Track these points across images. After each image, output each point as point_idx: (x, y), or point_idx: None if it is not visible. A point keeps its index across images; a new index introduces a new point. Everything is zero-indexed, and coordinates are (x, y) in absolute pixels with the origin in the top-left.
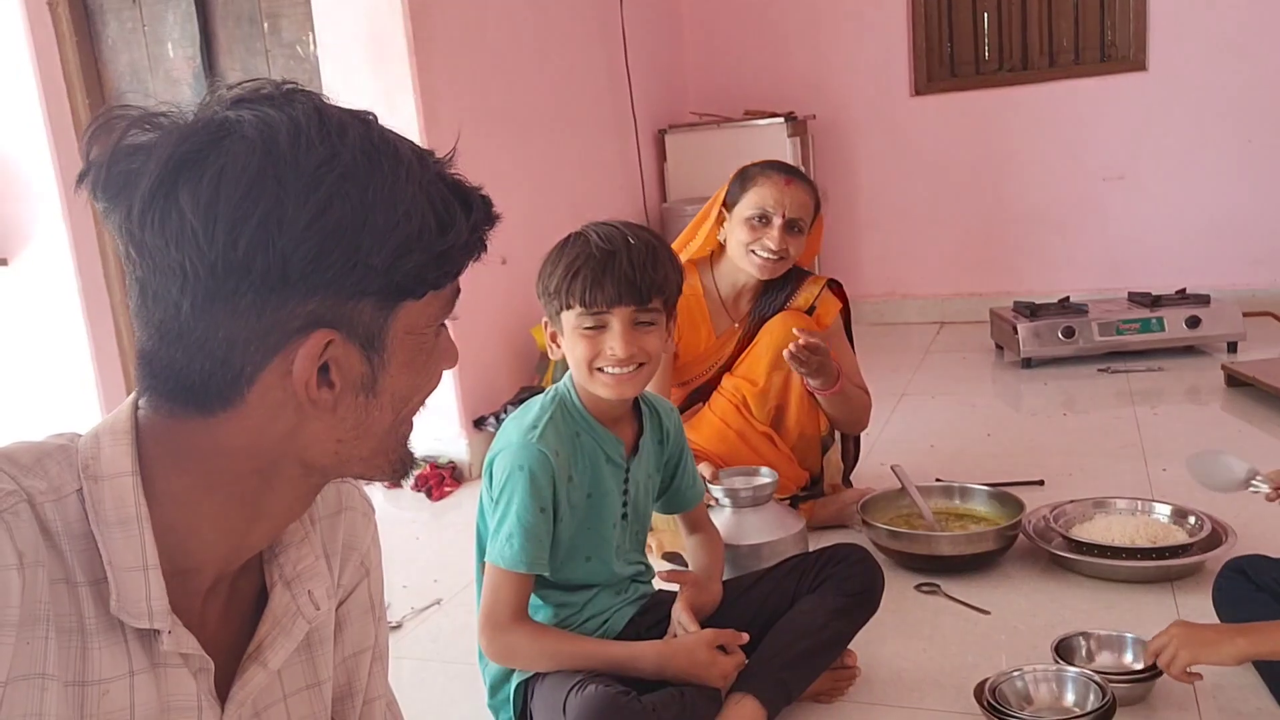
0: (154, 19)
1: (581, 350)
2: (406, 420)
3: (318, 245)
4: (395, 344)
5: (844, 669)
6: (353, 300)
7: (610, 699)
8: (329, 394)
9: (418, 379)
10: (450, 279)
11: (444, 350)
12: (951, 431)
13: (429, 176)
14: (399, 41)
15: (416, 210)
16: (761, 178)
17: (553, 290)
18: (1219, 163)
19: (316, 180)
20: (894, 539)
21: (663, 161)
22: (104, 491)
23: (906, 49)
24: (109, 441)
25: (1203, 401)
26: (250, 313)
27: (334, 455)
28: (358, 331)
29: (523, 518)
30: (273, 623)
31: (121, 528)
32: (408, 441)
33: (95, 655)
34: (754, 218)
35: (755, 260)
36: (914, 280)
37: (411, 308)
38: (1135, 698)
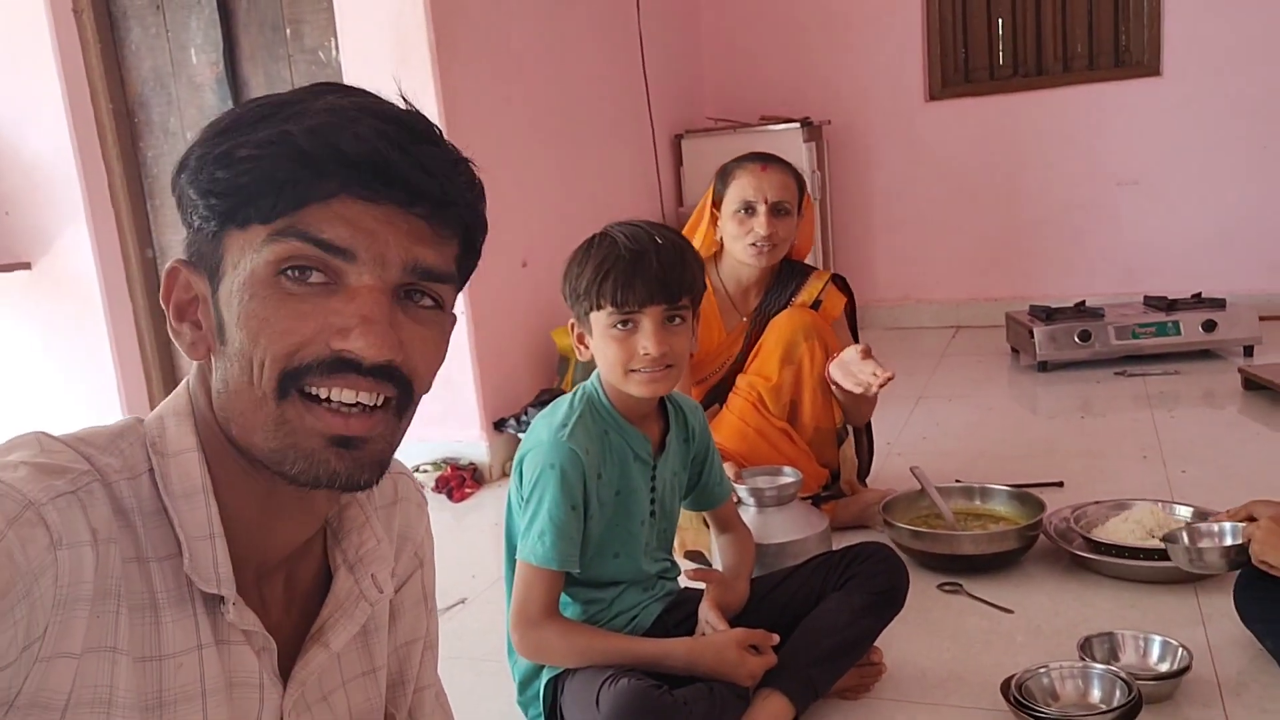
0: (177, 25)
1: (614, 351)
2: (265, 390)
3: (186, 178)
4: (228, 281)
5: (870, 665)
6: (194, 232)
7: (644, 692)
8: (191, 331)
9: (257, 332)
10: (264, 200)
11: (331, 319)
12: (969, 434)
13: (282, 100)
14: (422, 47)
15: (221, 123)
16: (738, 170)
17: (582, 291)
18: (1234, 167)
19: (214, 123)
20: (916, 539)
21: (679, 166)
22: (170, 466)
23: (921, 55)
24: (173, 422)
25: (1219, 405)
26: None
27: (221, 412)
28: (201, 263)
29: (554, 515)
30: (335, 605)
31: (187, 499)
32: (294, 429)
33: (168, 630)
34: (740, 210)
35: (751, 250)
36: (929, 284)
37: (237, 238)
38: (1162, 695)
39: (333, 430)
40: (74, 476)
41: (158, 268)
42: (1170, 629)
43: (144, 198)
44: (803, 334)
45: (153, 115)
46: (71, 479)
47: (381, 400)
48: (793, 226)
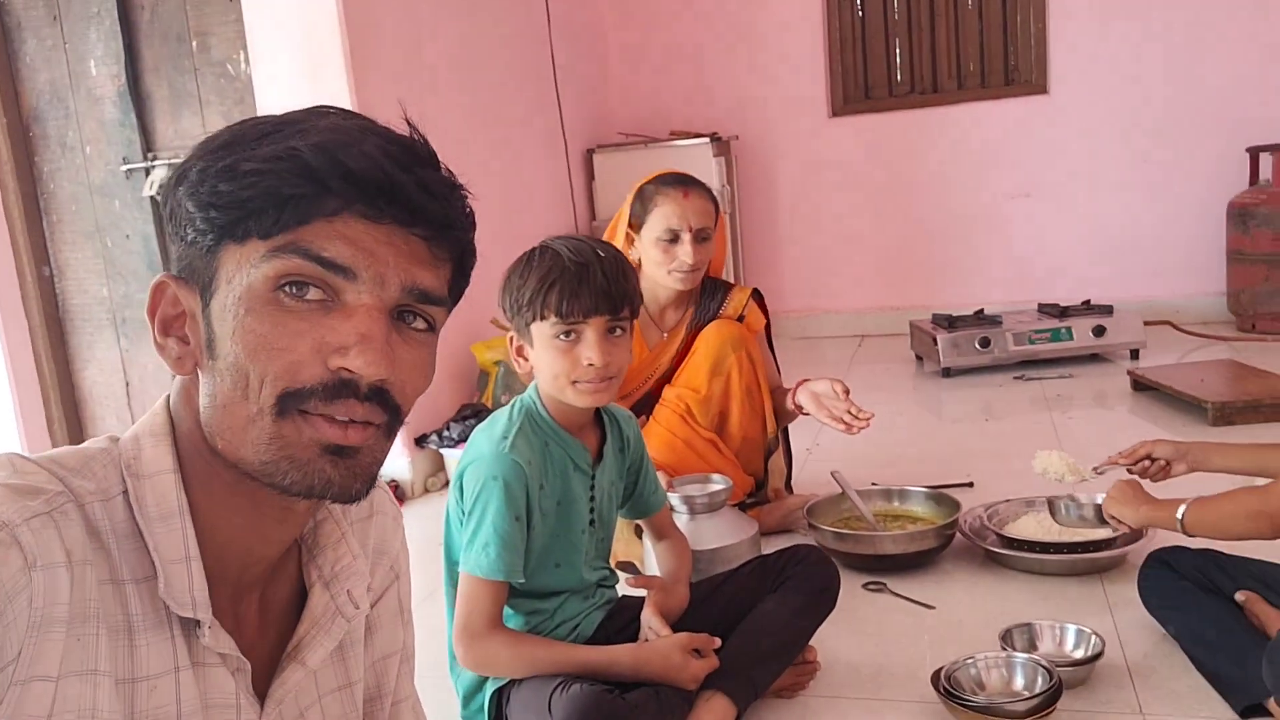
0: (75, 36)
1: (558, 362)
2: (260, 405)
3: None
4: (222, 296)
5: (805, 664)
6: (185, 245)
7: (597, 697)
8: (177, 346)
9: (253, 350)
10: (267, 218)
11: (328, 337)
12: (881, 439)
13: (284, 119)
14: (336, 60)
15: (219, 138)
16: (660, 196)
17: (525, 303)
18: (1117, 180)
19: (209, 141)
20: (840, 540)
21: (591, 180)
22: (145, 489)
23: (824, 73)
24: (150, 442)
25: (1110, 405)
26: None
27: (207, 428)
28: (192, 277)
29: (499, 526)
30: (311, 622)
31: (163, 522)
32: (283, 445)
33: (143, 652)
34: (664, 238)
35: (675, 277)
36: (835, 295)
37: (234, 252)
38: (1078, 680)
39: (329, 439)
40: (49, 497)
41: (55, 285)
42: (1082, 618)
43: (40, 214)
44: (731, 346)
45: (49, 129)
46: (46, 500)
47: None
48: (712, 249)
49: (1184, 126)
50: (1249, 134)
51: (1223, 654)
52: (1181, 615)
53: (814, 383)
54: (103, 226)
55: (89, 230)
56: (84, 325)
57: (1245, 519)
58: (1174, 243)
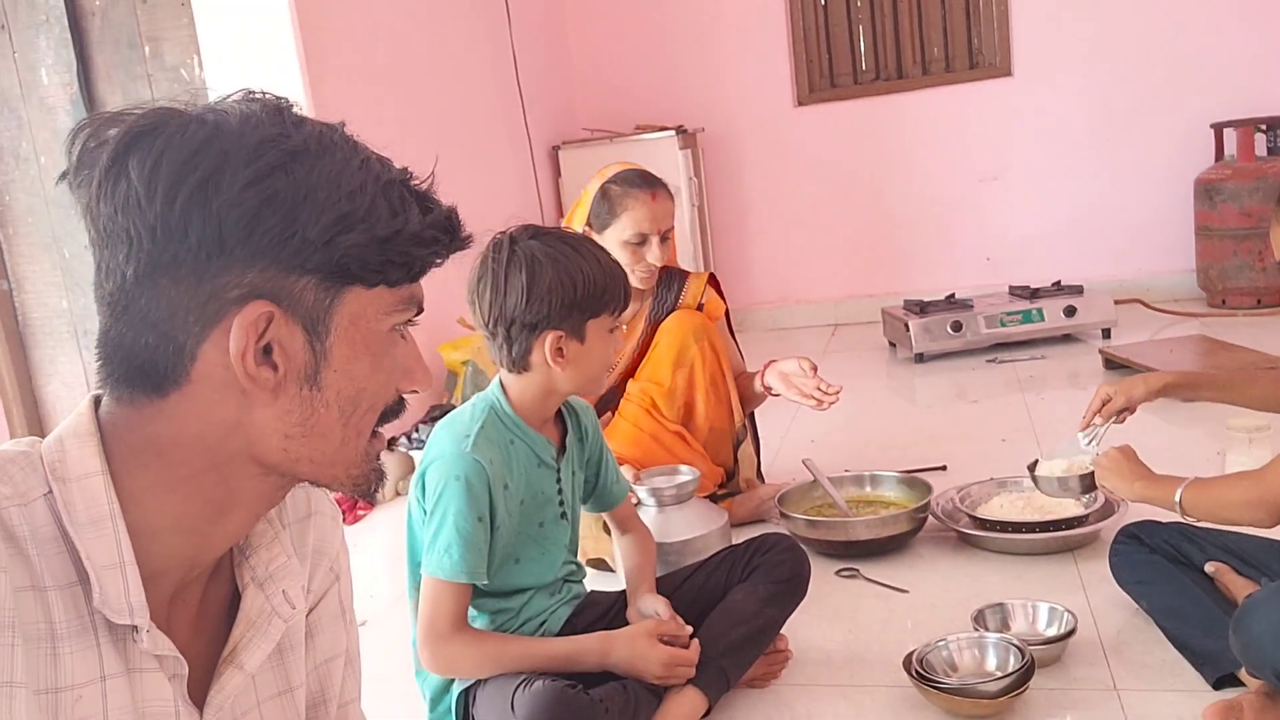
0: (24, 45)
1: (609, 354)
2: (359, 429)
3: (253, 210)
4: (340, 334)
5: (777, 653)
6: (293, 276)
7: (559, 692)
8: (270, 375)
9: (366, 379)
10: (401, 273)
11: (404, 363)
12: (854, 426)
13: (390, 175)
14: (291, 62)
15: (364, 194)
16: (629, 200)
17: (588, 297)
18: (1083, 160)
19: (259, 152)
20: (812, 528)
21: (558, 177)
22: (74, 492)
23: (788, 62)
24: (74, 444)
25: (1083, 385)
26: (189, 280)
27: (282, 452)
28: (300, 311)
29: (461, 527)
30: (247, 624)
31: (94, 527)
32: (370, 457)
33: (66, 661)
34: (631, 241)
35: (639, 275)
36: (806, 285)
37: (360, 296)
38: (1051, 658)
39: (381, 448)
40: None
41: (13, 300)
42: (1055, 596)
43: None
44: (693, 336)
45: (1, 140)
46: None
47: None
48: (672, 244)
49: (1148, 104)
50: (1213, 110)
51: (1194, 626)
52: (1153, 589)
53: (782, 363)
54: (60, 238)
55: (46, 242)
56: (45, 339)
57: (1243, 507)
58: (1142, 221)
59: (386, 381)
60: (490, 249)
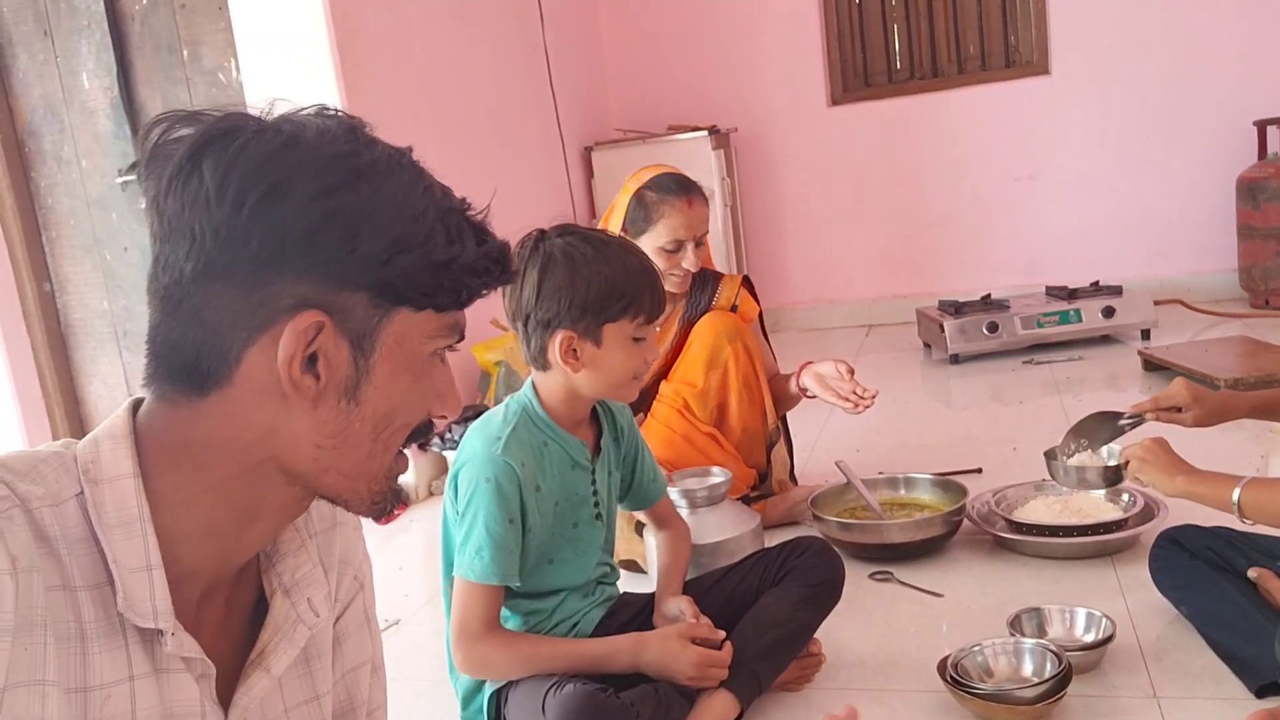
0: (67, 50)
1: (632, 361)
2: (388, 445)
3: (317, 222)
4: (384, 351)
5: (810, 657)
6: (346, 291)
7: (589, 696)
8: (313, 384)
9: (401, 398)
10: (450, 299)
11: (439, 387)
12: (889, 428)
13: (451, 204)
14: (326, 65)
15: (424, 219)
16: (665, 206)
17: (603, 300)
18: (1122, 159)
19: (330, 166)
20: (845, 530)
21: (590, 178)
22: (104, 494)
23: (822, 61)
24: (108, 446)
25: (1122, 387)
26: (244, 285)
27: (312, 462)
28: (349, 325)
29: (491, 529)
30: (274, 629)
31: (123, 529)
32: (391, 475)
33: (95, 660)
34: (667, 248)
35: (673, 280)
36: (841, 285)
37: (408, 317)
38: (1089, 665)
39: (403, 470)
40: None
41: (55, 301)
42: (1093, 601)
43: (38, 230)
44: (726, 337)
45: (44, 144)
46: None
47: None
48: (708, 246)
49: (1189, 101)
50: (1256, 107)
51: (1237, 633)
52: (1194, 595)
53: (818, 364)
54: (101, 240)
55: (88, 244)
56: (86, 340)
57: None
58: (1183, 220)
59: (421, 403)
60: (519, 243)
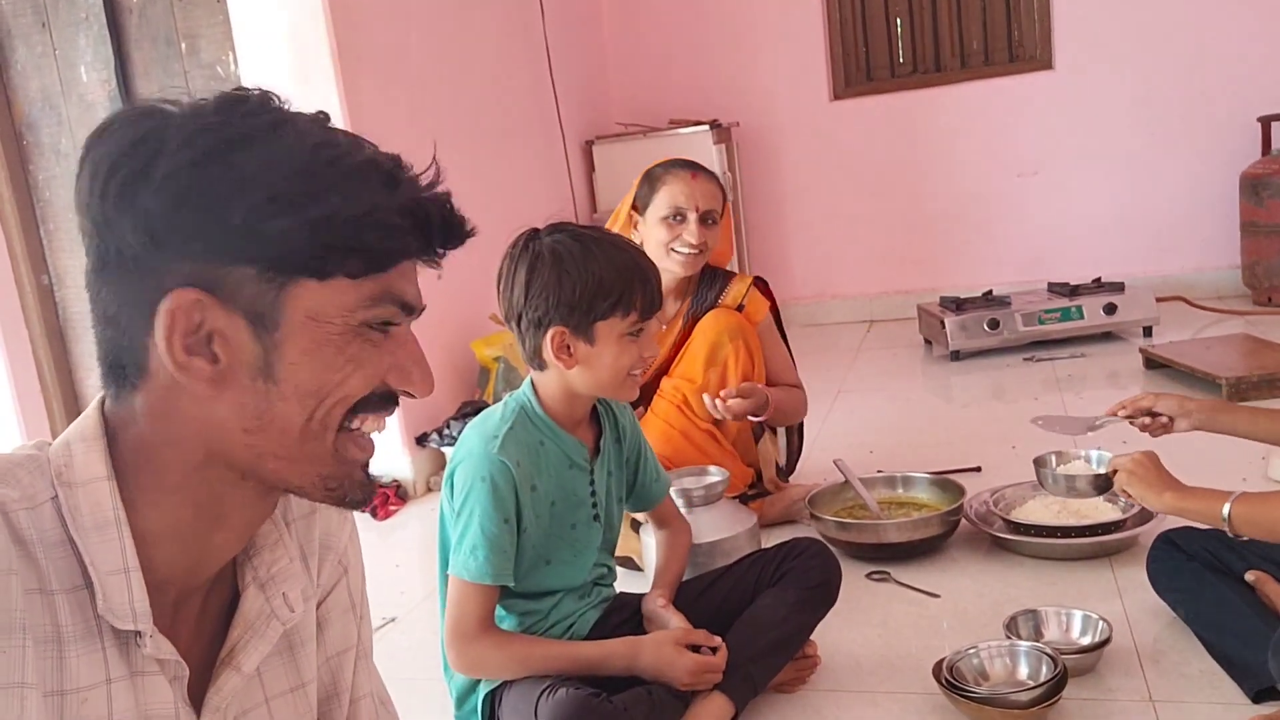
0: (65, 43)
1: (625, 358)
2: (325, 424)
3: (175, 200)
4: (294, 326)
5: (805, 659)
6: (230, 265)
7: (582, 701)
8: (206, 366)
9: (325, 375)
10: (360, 262)
11: (395, 362)
12: (888, 425)
13: (357, 157)
14: (324, 58)
15: (308, 176)
16: (669, 176)
17: (592, 297)
18: (1125, 155)
19: (194, 140)
20: (842, 530)
21: (591, 172)
22: (79, 497)
23: (824, 55)
24: (80, 449)
25: (1123, 385)
26: (133, 275)
27: (246, 449)
28: (240, 301)
29: (486, 529)
30: (245, 626)
31: (99, 532)
32: (344, 458)
33: (72, 663)
34: (669, 216)
35: (677, 257)
36: (842, 280)
37: (313, 288)
38: (1085, 667)
39: (366, 456)
40: None
41: (54, 294)
42: (1089, 603)
43: (36, 223)
44: (727, 335)
45: (42, 137)
46: None
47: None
48: (717, 236)
49: (1192, 97)
50: (1260, 103)
51: (1234, 636)
52: (1191, 598)
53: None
54: None
55: None
56: (85, 333)
57: None
58: (1185, 216)
59: (362, 377)
60: (512, 242)
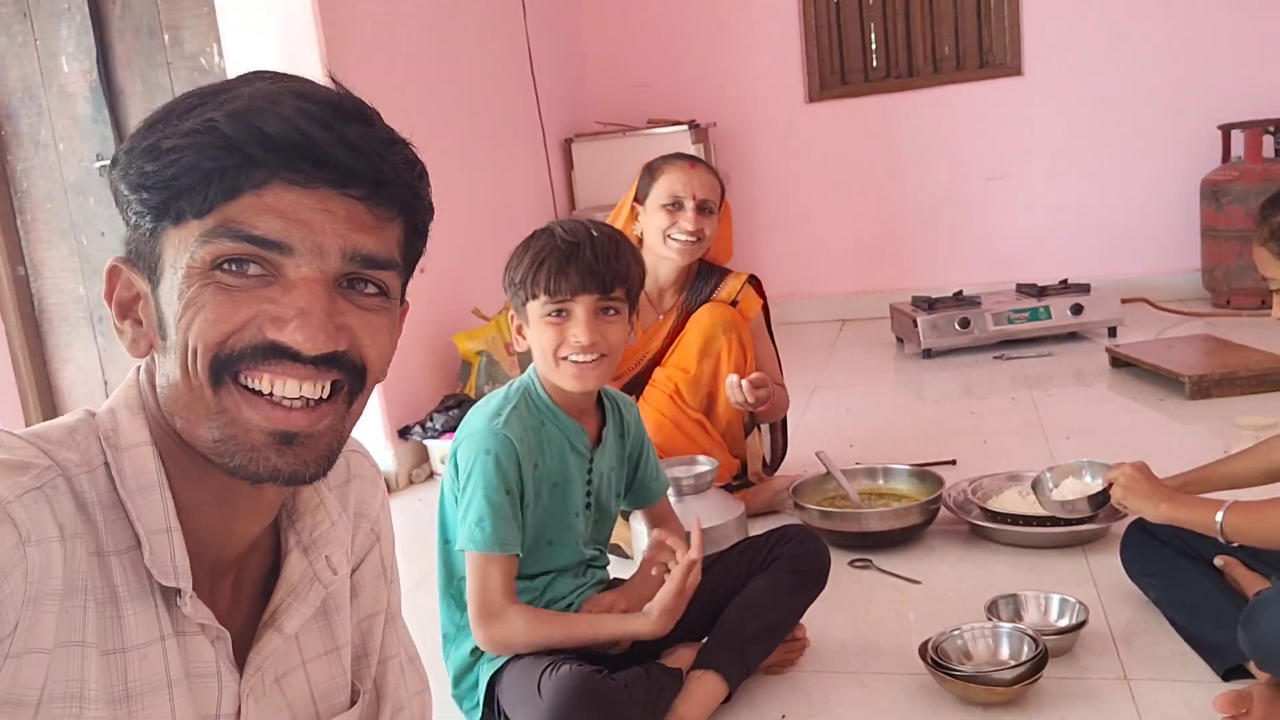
0: (46, 33)
1: (548, 338)
2: (198, 376)
3: (120, 171)
4: (168, 277)
5: (795, 641)
6: (131, 230)
7: (585, 677)
8: (132, 328)
9: (188, 324)
10: (192, 192)
11: (267, 310)
12: (864, 420)
13: (202, 95)
14: (311, 51)
15: (172, 112)
16: (667, 166)
17: (519, 281)
18: (1092, 160)
19: (148, 124)
20: (825, 519)
21: (570, 170)
22: (125, 461)
23: (800, 58)
24: (125, 415)
25: (1089, 383)
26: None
27: (167, 413)
28: (142, 261)
29: (491, 499)
30: (288, 589)
31: (143, 494)
32: (236, 419)
33: (130, 621)
34: (668, 204)
35: (674, 245)
36: (816, 280)
37: (171, 235)
38: (1063, 648)
39: (275, 424)
40: (38, 472)
41: (30, 285)
42: (1065, 588)
43: (14, 213)
44: (722, 328)
45: (21, 127)
46: (36, 474)
47: (327, 392)
48: (715, 226)
49: (1157, 105)
50: (1221, 111)
51: (1203, 618)
52: (1163, 581)
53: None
54: (78, 224)
55: (64, 228)
56: (61, 324)
57: None
58: (1149, 221)
59: (214, 323)
60: None
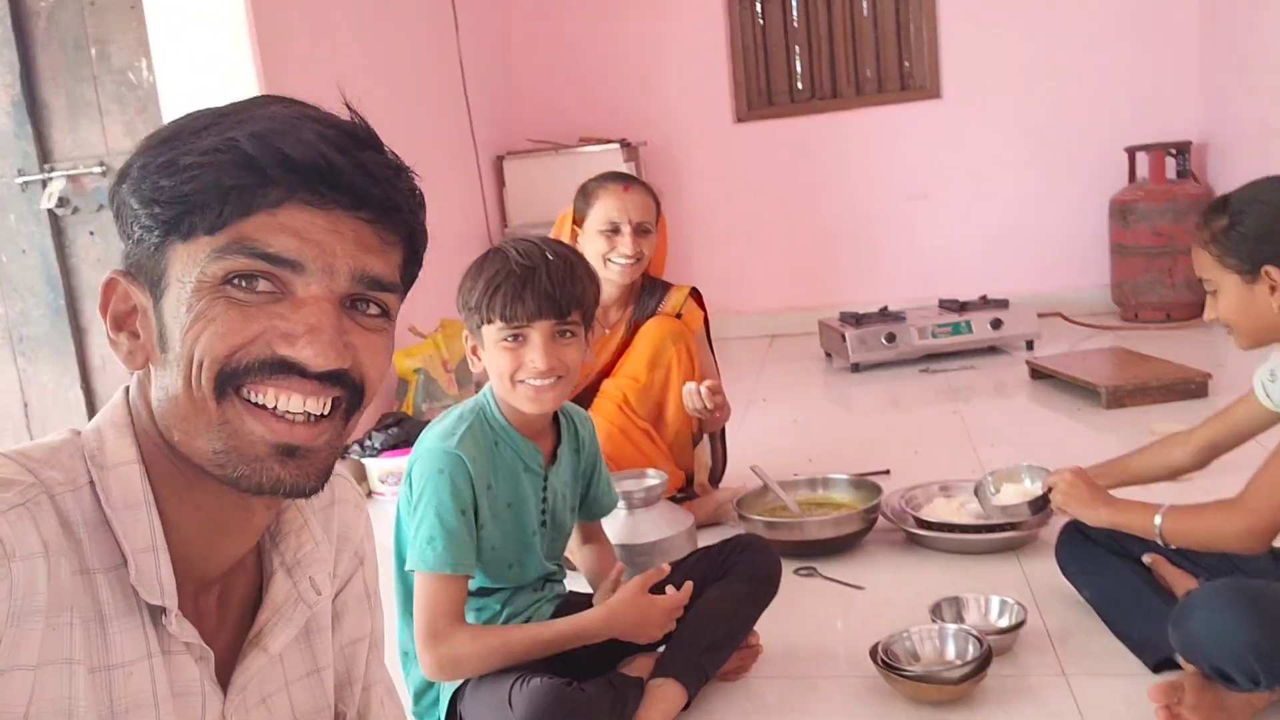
0: None
1: (504, 362)
2: (202, 391)
3: (124, 192)
4: (173, 292)
5: (749, 648)
6: (132, 243)
7: (557, 689)
8: (129, 341)
9: (196, 337)
10: (201, 216)
11: (280, 327)
12: (796, 433)
13: (211, 117)
14: (247, 68)
15: (158, 143)
16: (601, 190)
17: (473, 305)
18: (1008, 180)
19: (150, 144)
20: (770, 529)
21: (502, 187)
22: (110, 479)
23: (728, 79)
24: (112, 434)
25: (1010, 394)
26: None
27: (165, 426)
28: (144, 275)
29: (444, 519)
30: (273, 609)
31: (129, 512)
32: (238, 431)
33: (116, 639)
34: (605, 230)
35: (615, 267)
36: (745, 297)
37: (179, 249)
38: (1004, 647)
39: (278, 437)
40: (22, 489)
41: None
42: (1000, 590)
43: None
44: (671, 339)
45: None
46: (20, 491)
47: (329, 408)
48: (653, 244)
49: (1068, 128)
50: (1127, 134)
51: (1134, 614)
52: (1095, 579)
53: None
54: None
55: None
56: None
57: (1236, 538)
58: (1062, 238)
59: (223, 337)
60: None
